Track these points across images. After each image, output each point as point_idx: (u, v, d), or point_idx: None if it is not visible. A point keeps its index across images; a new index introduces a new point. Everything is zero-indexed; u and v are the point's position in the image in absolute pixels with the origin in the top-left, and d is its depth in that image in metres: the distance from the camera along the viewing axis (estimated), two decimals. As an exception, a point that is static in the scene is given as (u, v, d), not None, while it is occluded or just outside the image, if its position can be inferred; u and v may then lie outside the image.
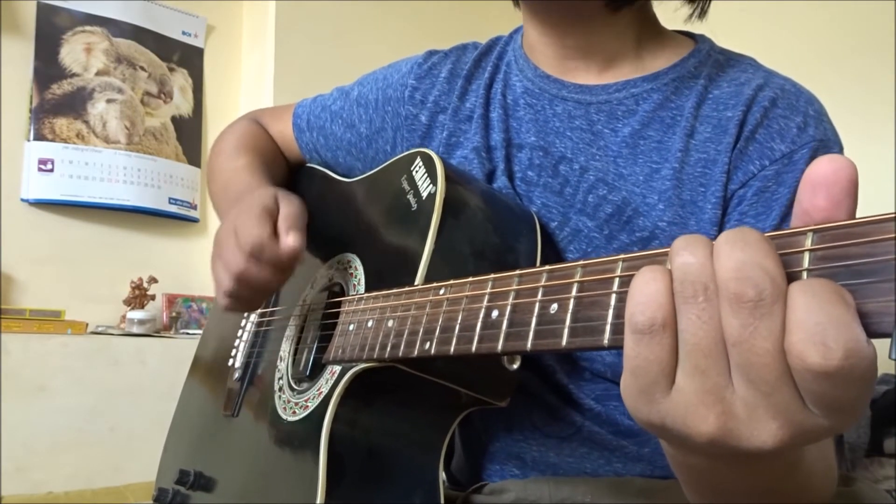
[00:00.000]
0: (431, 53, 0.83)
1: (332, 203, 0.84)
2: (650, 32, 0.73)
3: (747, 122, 0.66)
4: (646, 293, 0.32)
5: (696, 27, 0.75)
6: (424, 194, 0.65)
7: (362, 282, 0.69)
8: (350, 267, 0.72)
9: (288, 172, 0.94)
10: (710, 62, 0.70)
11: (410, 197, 0.67)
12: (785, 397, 0.30)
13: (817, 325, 0.28)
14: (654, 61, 0.71)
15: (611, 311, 0.35)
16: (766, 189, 0.64)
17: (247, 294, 0.67)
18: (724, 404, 0.32)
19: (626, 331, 0.33)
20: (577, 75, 0.73)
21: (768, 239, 0.30)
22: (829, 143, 0.65)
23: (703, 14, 0.74)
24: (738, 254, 0.30)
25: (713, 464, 0.39)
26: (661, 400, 0.33)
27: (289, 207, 0.67)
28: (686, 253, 0.32)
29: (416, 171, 0.68)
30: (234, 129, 0.95)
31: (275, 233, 0.65)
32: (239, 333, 0.87)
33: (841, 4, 2.29)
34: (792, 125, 0.65)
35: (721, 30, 0.74)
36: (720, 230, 0.65)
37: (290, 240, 0.64)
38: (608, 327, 0.35)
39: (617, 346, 0.35)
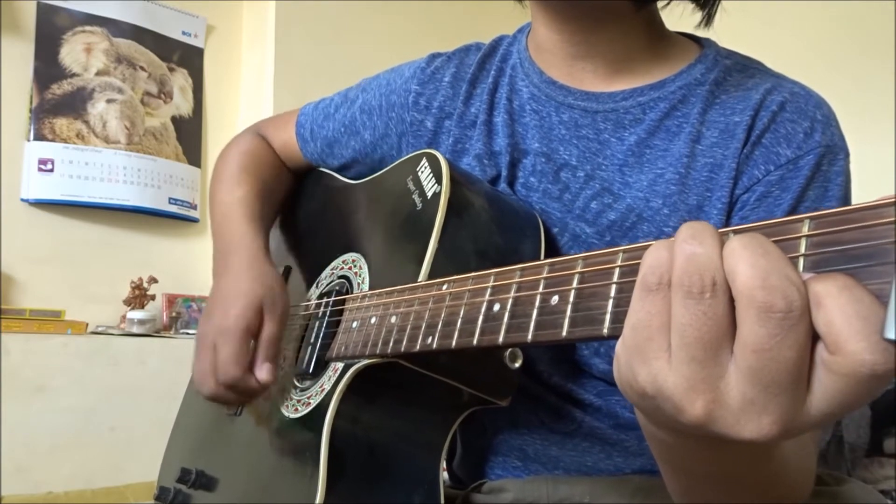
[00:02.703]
0: (434, 57, 0.83)
1: (338, 204, 0.84)
2: (657, 36, 0.72)
3: (755, 127, 0.65)
4: (659, 257, 0.33)
5: (696, 29, 0.75)
6: (429, 194, 0.65)
7: (367, 280, 0.69)
8: (355, 266, 0.73)
9: (292, 185, 0.94)
10: (718, 67, 0.70)
11: (416, 197, 0.67)
12: (790, 398, 0.30)
13: (875, 332, 0.28)
14: (661, 67, 0.70)
15: (611, 301, 0.36)
16: (769, 194, 0.64)
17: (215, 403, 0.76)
18: (716, 393, 0.31)
19: (634, 292, 0.34)
20: (583, 79, 0.72)
21: (779, 247, 0.30)
22: (835, 148, 0.65)
23: (709, 21, 0.73)
24: (762, 261, 0.29)
25: (686, 442, 0.39)
26: (654, 361, 0.33)
27: (270, 327, 0.71)
28: (694, 242, 0.32)
29: (422, 172, 0.68)
30: (235, 148, 0.93)
31: (254, 354, 0.70)
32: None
33: (841, 5, 2.29)
34: (799, 130, 0.65)
35: (721, 30, 0.73)
36: None
37: (263, 374, 0.69)
38: (608, 317, 0.36)
39: (616, 336, 0.35)
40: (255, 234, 0.80)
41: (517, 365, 0.63)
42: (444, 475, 0.75)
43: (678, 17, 0.73)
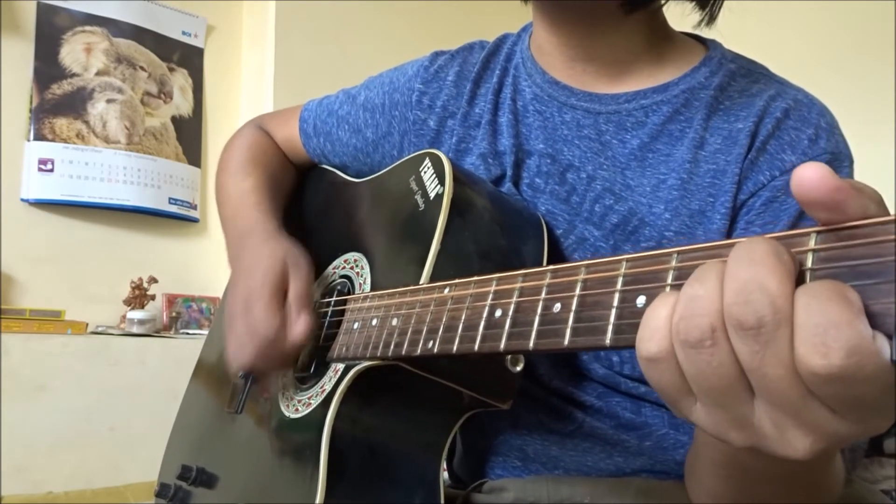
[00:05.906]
0: (437, 55, 0.82)
1: (341, 203, 0.84)
2: (661, 38, 0.72)
3: (759, 134, 0.65)
4: (654, 319, 0.32)
5: (698, 28, 0.74)
6: (432, 195, 0.65)
7: (368, 281, 0.69)
8: (357, 266, 0.73)
9: (297, 179, 0.94)
10: (722, 71, 0.69)
11: (418, 197, 0.67)
12: (813, 413, 0.29)
13: (816, 326, 0.27)
14: (664, 70, 0.70)
15: (613, 312, 0.35)
16: (775, 199, 0.64)
17: (256, 375, 0.74)
18: (752, 426, 0.31)
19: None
20: (585, 81, 0.72)
21: (778, 252, 0.29)
22: (840, 156, 0.65)
23: (712, 20, 0.72)
24: (742, 273, 0.29)
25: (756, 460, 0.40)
26: (691, 412, 0.33)
27: (298, 283, 0.69)
28: (696, 283, 0.30)
29: (425, 172, 0.68)
30: (240, 140, 0.93)
31: (285, 306, 0.68)
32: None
33: (841, 4, 2.29)
34: (803, 137, 0.65)
35: (722, 30, 0.73)
36: None
37: (300, 325, 0.66)
38: (610, 327, 0.35)
39: (618, 347, 0.35)
40: (269, 218, 0.80)
41: (518, 369, 0.62)
42: (445, 475, 0.75)
43: (681, 16, 0.73)
